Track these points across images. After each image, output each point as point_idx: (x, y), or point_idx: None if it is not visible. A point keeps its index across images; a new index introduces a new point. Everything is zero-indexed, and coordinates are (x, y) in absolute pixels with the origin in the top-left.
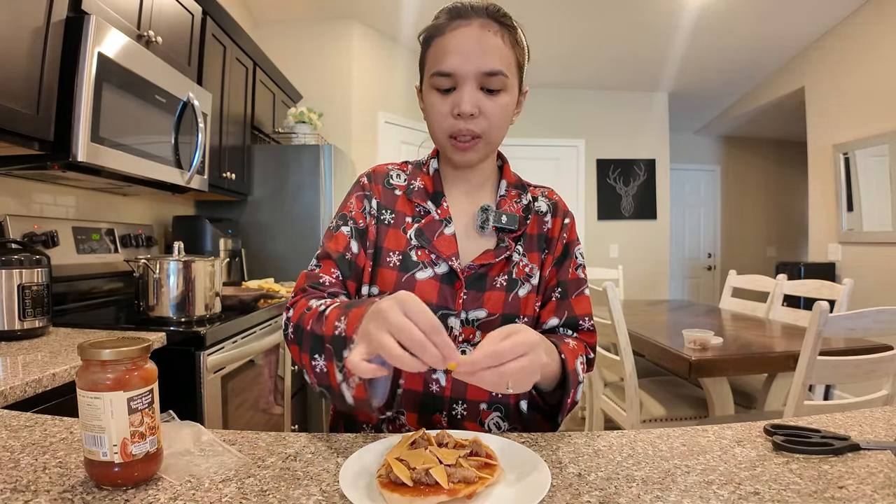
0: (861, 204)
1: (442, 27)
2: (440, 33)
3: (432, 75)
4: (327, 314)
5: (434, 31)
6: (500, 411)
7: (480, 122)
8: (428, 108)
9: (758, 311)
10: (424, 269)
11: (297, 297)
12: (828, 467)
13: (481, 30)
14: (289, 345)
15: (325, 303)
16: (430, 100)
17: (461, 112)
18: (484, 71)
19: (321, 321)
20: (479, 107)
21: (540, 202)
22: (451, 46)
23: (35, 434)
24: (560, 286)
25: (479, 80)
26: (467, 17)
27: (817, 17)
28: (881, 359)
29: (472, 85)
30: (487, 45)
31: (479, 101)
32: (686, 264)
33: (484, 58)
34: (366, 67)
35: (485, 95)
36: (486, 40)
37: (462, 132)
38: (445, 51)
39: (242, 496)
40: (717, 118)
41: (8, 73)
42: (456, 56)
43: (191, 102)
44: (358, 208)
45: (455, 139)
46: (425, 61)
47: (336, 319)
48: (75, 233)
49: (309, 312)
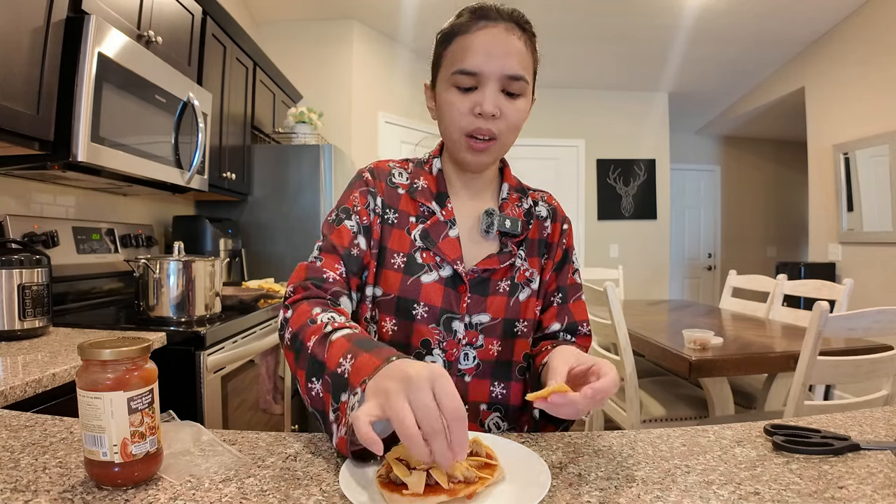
0: (861, 204)
1: (467, 25)
2: (464, 31)
3: (454, 73)
4: (333, 340)
5: (458, 28)
6: (500, 412)
7: (499, 123)
8: (445, 105)
9: (758, 311)
10: (429, 273)
11: (297, 296)
12: (828, 467)
13: (507, 33)
14: (284, 349)
15: (332, 322)
16: (448, 97)
17: (483, 111)
18: (507, 74)
19: (324, 346)
20: (500, 108)
21: (540, 207)
22: (476, 45)
23: (35, 434)
24: (560, 291)
25: (502, 83)
26: (493, 18)
27: (817, 17)
28: (881, 359)
29: (495, 86)
30: (512, 49)
31: (500, 103)
32: (686, 264)
33: (508, 60)
34: (366, 67)
35: (505, 98)
36: (511, 44)
37: (482, 131)
38: (470, 49)
39: (242, 496)
40: (717, 118)
41: (8, 73)
42: (481, 55)
43: (191, 102)
44: (362, 204)
45: (472, 138)
46: (443, 58)
47: (341, 355)
48: (75, 233)
49: (312, 327)
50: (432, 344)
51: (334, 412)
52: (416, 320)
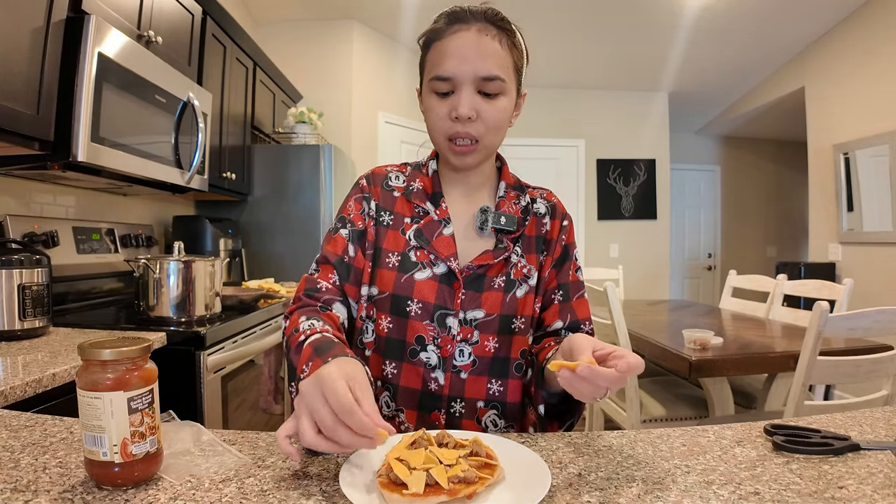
0: (861, 204)
1: (441, 31)
2: (439, 37)
3: (431, 79)
4: (304, 348)
5: (433, 34)
6: (497, 409)
7: (478, 125)
8: (427, 111)
9: (758, 311)
10: (423, 270)
11: (293, 307)
12: (828, 467)
13: (479, 34)
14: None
15: (311, 328)
16: (429, 102)
17: (458, 115)
18: (481, 76)
19: (299, 352)
20: (477, 110)
21: (538, 204)
22: (449, 51)
23: (35, 434)
24: (561, 289)
25: (477, 85)
26: (466, 21)
27: (817, 17)
28: (881, 359)
29: (470, 89)
30: (485, 50)
31: (477, 105)
32: (686, 264)
33: (481, 62)
34: (366, 67)
35: (483, 99)
36: (484, 45)
37: (460, 135)
38: (444, 55)
39: (242, 496)
40: (717, 118)
41: (8, 73)
42: (454, 60)
43: (191, 102)
44: (356, 210)
45: (453, 142)
46: (425, 64)
47: (305, 362)
48: (75, 233)
49: (294, 336)
50: (427, 340)
51: None
52: (410, 317)
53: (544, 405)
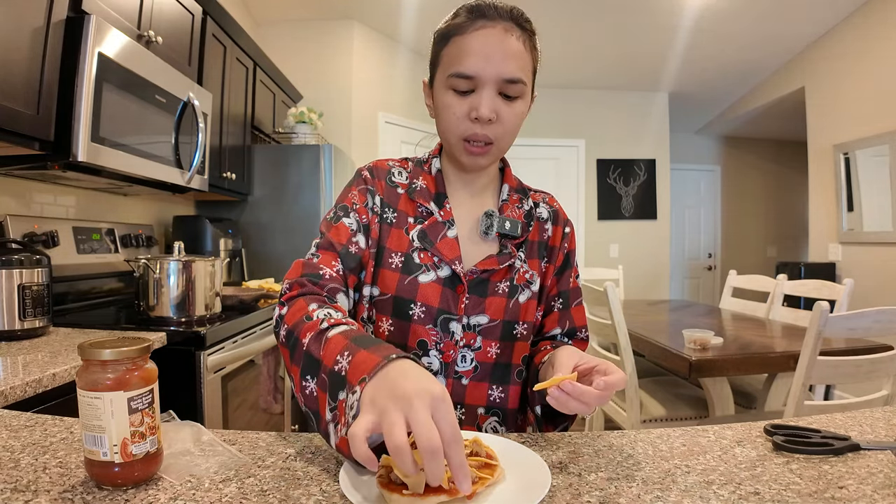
0: (861, 204)
1: (464, 26)
2: (462, 32)
3: (451, 76)
4: (329, 337)
5: (454, 28)
6: (498, 416)
7: (496, 127)
8: (442, 108)
9: (758, 311)
10: (427, 273)
11: (293, 292)
12: (828, 467)
13: (505, 34)
14: (279, 346)
15: (329, 318)
16: (445, 99)
17: (479, 116)
18: (504, 77)
19: (320, 343)
20: (497, 112)
21: (541, 209)
22: (473, 48)
23: (35, 434)
24: (561, 296)
25: (499, 86)
26: (492, 18)
27: (817, 17)
28: (881, 359)
29: (492, 90)
30: (510, 51)
31: (498, 107)
32: (686, 264)
33: (506, 63)
34: (366, 67)
35: (503, 101)
36: (509, 45)
37: (478, 136)
38: (467, 51)
39: (242, 496)
40: (717, 118)
41: (8, 73)
42: (477, 59)
43: (191, 102)
44: (361, 202)
45: (469, 143)
46: (441, 58)
47: (339, 353)
48: (75, 233)
49: (308, 323)
50: (429, 345)
51: (331, 411)
52: (412, 321)
53: (540, 406)
